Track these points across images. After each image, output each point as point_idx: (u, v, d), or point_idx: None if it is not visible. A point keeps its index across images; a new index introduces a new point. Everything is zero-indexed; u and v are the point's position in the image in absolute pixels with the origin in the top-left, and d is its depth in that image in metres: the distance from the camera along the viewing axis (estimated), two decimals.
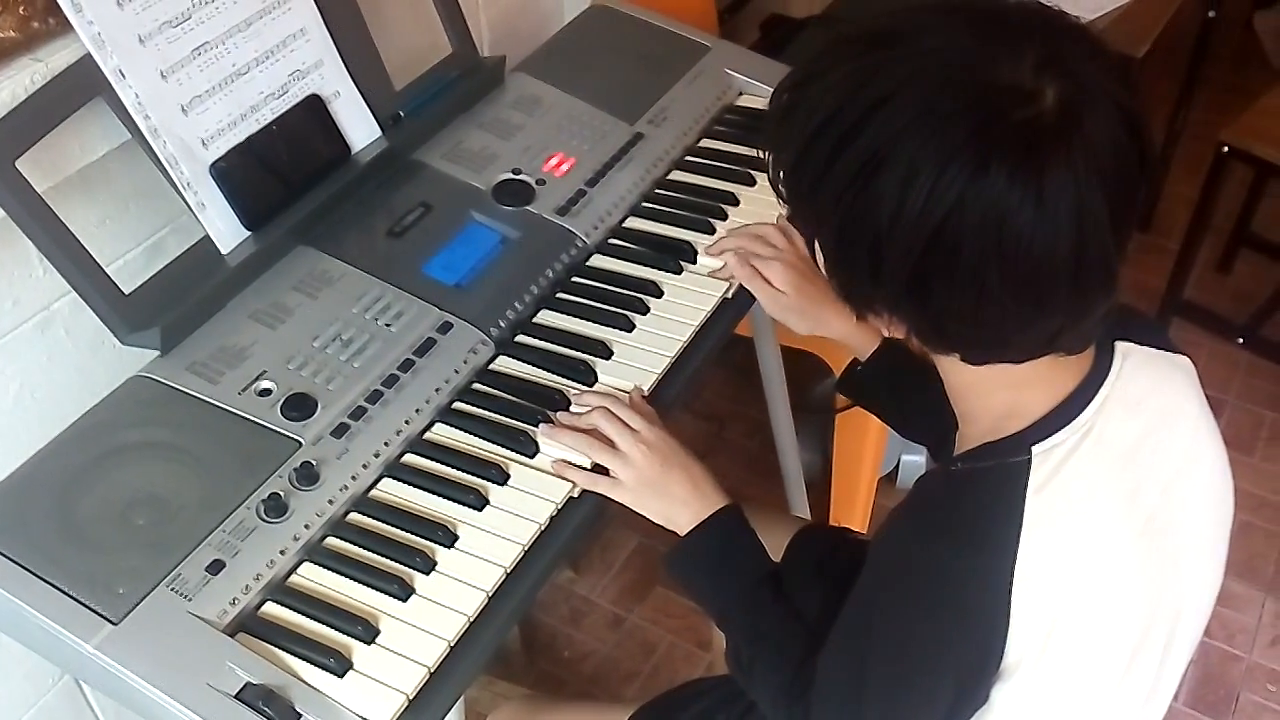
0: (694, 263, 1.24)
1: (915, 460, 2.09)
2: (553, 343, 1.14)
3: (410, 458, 1.02)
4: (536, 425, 1.04)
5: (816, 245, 0.81)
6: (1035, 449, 0.79)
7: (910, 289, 0.73)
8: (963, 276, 0.71)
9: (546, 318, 1.17)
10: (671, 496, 1.01)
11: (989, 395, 0.82)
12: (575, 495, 1.00)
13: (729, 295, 1.21)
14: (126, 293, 1.04)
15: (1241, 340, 2.40)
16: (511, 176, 1.28)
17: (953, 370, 0.83)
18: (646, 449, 1.02)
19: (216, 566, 0.90)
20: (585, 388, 1.09)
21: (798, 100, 0.76)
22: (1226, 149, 2.15)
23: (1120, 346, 0.84)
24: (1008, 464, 0.79)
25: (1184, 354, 0.89)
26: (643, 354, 1.13)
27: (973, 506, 0.79)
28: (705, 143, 1.41)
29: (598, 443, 1.02)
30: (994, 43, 0.70)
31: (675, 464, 1.02)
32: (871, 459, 1.92)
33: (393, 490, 1.00)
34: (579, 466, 1.01)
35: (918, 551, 0.80)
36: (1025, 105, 0.68)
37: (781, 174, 0.79)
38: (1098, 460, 0.80)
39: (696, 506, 1.01)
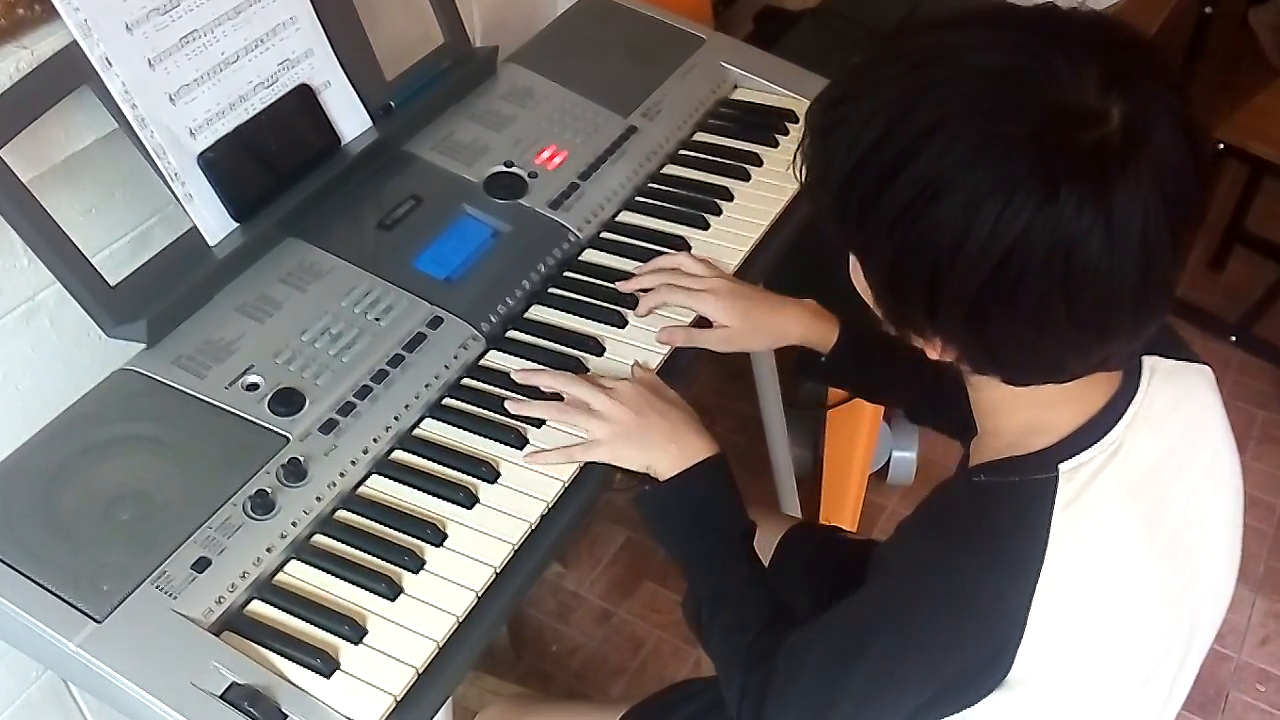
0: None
1: (906, 456, 2.09)
2: (545, 338, 1.12)
3: (399, 454, 1.01)
4: (528, 424, 1.03)
5: (861, 270, 0.78)
6: (1063, 466, 0.77)
7: (968, 319, 0.71)
8: (1026, 306, 0.68)
9: (538, 313, 1.16)
10: (649, 444, 0.99)
11: (1016, 412, 0.80)
12: (566, 492, 0.99)
13: None
14: (112, 284, 1.03)
15: (1234, 338, 2.40)
16: (503, 169, 1.27)
17: (985, 387, 0.81)
18: (618, 400, 1.00)
19: (202, 564, 0.88)
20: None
21: (837, 121, 0.72)
22: (1221, 146, 2.15)
23: (1148, 361, 0.82)
24: (1034, 480, 0.77)
25: (1205, 363, 0.87)
26: (635, 350, 1.12)
27: (996, 521, 0.77)
28: (700, 136, 1.40)
29: (569, 407, 1.01)
30: (1054, 59, 0.66)
31: (651, 410, 1.01)
32: (862, 455, 1.91)
33: (381, 487, 0.98)
34: (551, 448, 1.00)
35: (936, 561, 0.78)
36: (1093, 127, 0.65)
37: (823, 196, 0.75)
38: (1124, 479, 0.78)
39: (676, 452, 0.99)
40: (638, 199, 1.30)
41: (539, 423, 1.04)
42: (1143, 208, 0.66)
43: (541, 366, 1.07)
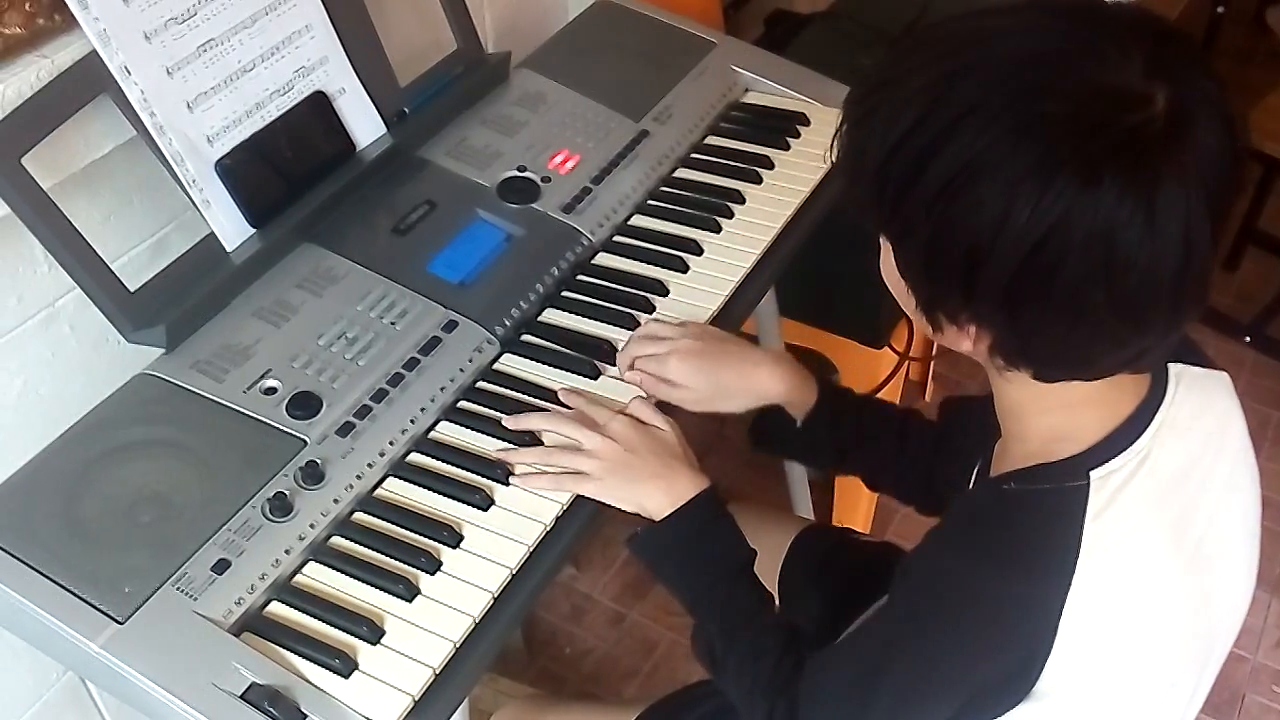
0: (700, 258, 1.23)
1: None
2: (558, 341, 1.13)
3: (415, 457, 1.02)
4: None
5: (894, 255, 0.77)
6: (1093, 474, 0.76)
7: (1004, 303, 0.69)
8: (1063, 293, 0.67)
9: (552, 316, 1.17)
10: (637, 481, 0.98)
11: (1043, 415, 0.79)
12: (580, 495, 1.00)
13: (733, 293, 1.20)
14: (132, 290, 1.04)
15: (1248, 339, 2.39)
16: (516, 174, 1.28)
17: (1010, 386, 0.80)
18: (609, 438, 0.99)
19: (222, 566, 0.89)
20: (591, 383, 1.09)
21: (877, 105, 0.71)
22: None
23: (1173, 369, 0.81)
24: (1065, 488, 0.76)
25: (1222, 370, 0.86)
26: None
27: (1027, 530, 0.76)
28: (711, 140, 1.41)
29: (556, 449, 1.00)
30: (1098, 42, 0.66)
31: (642, 449, 0.99)
32: None
33: (398, 490, 0.99)
34: (543, 471, 0.99)
35: (964, 571, 0.77)
36: (1137, 110, 0.64)
37: (859, 182, 0.74)
38: (1152, 487, 0.77)
39: (666, 489, 0.97)
40: (650, 203, 1.31)
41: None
42: (1185, 199, 0.65)
43: (531, 408, 1.05)
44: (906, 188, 0.70)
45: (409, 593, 0.90)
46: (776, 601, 1.01)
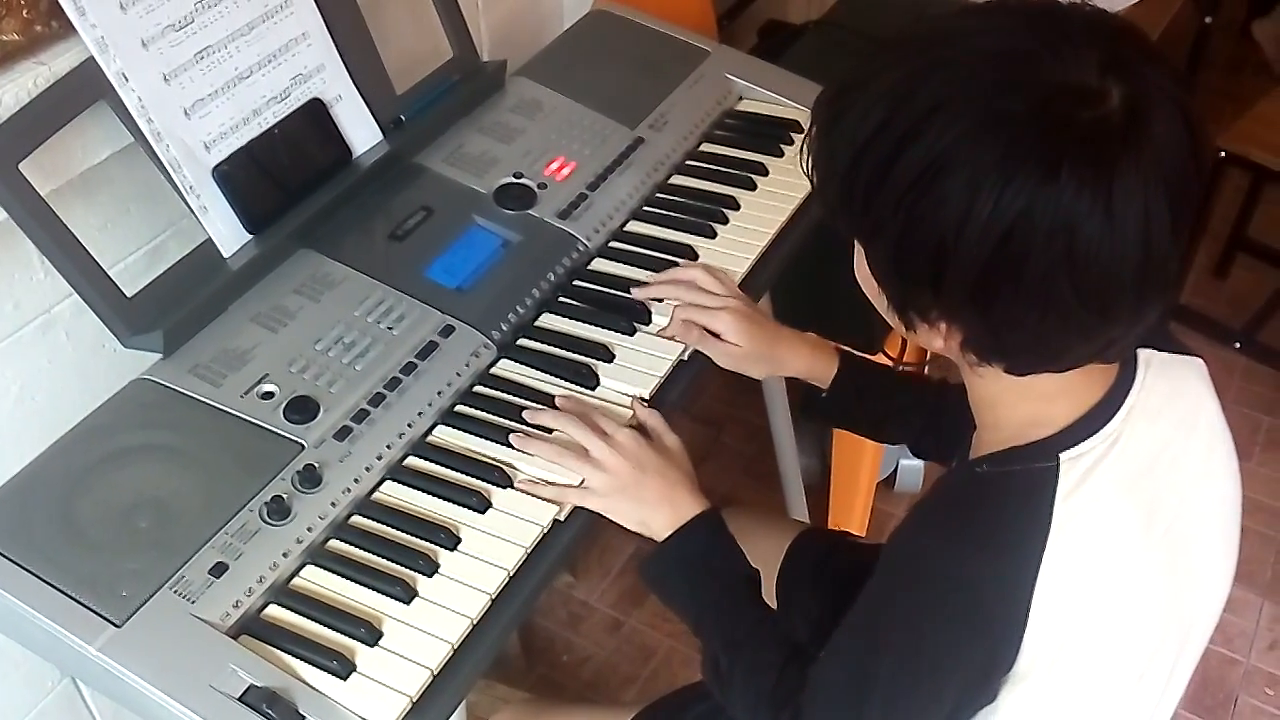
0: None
1: (914, 465, 2.10)
2: (555, 346, 1.14)
3: (412, 460, 1.02)
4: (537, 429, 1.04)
5: (865, 256, 0.79)
6: (1063, 456, 0.78)
7: (973, 298, 0.71)
8: (1029, 285, 0.69)
9: (548, 321, 1.17)
10: (644, 501, 0.99)
11: (1016, 405, 0.81)
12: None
13: None
14: (129, 295, 1.04)
15: (1238, 345, 2.40)
16: (513, 180, 1.28)
17: (984, 379, 0.82)
18: (618, 454, 1.00)
19: (219, 569, 0.90)
20: (588, 391, 1.09)
21: (845, 107, 0.73)
22: (1223, 154, 2.16)
23: (1142, 354, 0.83)
24: (1035, 469, 0.78)
25: (1197, 355, 0.88)
26: (645, 357, 1.13)
27: (998, 511, 0.78)
28: (706, 147, 1.41)
29: (568, 451, 1.01)
30: (1056, 42, 0.68)
31: (649, 468, 1.00)
32: (870, 463, 1.92)
33: (395, 493, 1.00)
34: (548, 481, 1.00)
35: (938, 552, 0.78)
36: (1093, 106, 0.66)
37: (830, 184, 0.76)
38: (1123, 470, 0.79)
39: (670, 511, 0.99)
40: (645, 209, 1.32)
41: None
42: (1143, 190, 0.66)
43: (544, 406, 1.06)
44: (875, 187, 0.72)
45: (407, 595, 0.91)
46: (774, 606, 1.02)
